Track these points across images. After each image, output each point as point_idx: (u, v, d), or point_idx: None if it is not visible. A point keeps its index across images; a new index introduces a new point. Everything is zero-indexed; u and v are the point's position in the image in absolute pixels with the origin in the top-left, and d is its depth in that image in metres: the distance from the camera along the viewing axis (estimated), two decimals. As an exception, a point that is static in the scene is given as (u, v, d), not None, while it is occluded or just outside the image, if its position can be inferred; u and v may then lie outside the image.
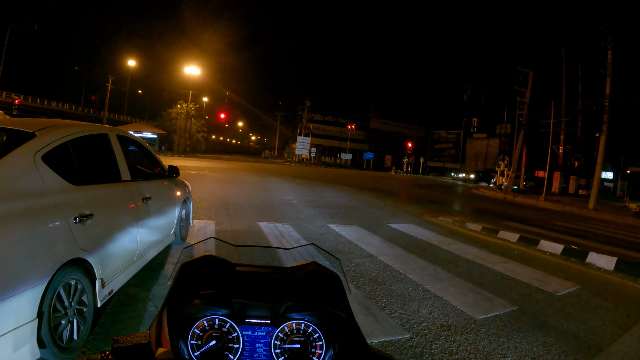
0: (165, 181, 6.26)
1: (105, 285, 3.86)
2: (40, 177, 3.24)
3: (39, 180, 3.23)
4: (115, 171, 4.61)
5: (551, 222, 15.82)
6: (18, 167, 3.12)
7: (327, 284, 1.63)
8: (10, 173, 3.03)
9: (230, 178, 23.74)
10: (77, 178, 3.71)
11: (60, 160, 3.57)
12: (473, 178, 62.18)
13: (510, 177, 35.65)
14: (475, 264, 7.48)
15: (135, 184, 4.95)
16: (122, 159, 4.78)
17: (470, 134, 77.89)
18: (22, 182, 3.09)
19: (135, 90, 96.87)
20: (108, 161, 4.60)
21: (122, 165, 4.73)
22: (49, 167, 3.37)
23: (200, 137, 76.17)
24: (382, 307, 4.99)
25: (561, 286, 6.52)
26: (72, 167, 3.72)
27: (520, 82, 36.09)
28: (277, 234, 8.82)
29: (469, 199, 27.06)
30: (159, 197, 5.68)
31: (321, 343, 1.34)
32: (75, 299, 3.37)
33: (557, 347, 4.22)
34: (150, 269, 5.58)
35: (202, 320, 1.37)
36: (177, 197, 6.62)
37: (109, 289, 3.96)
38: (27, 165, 3.19)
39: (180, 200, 6.75)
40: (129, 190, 4.72)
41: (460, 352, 3.91)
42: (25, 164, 3.19)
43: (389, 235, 9.60)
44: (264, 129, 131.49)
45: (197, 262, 1.65)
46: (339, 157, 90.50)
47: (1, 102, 47.27)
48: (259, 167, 42.18)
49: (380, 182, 36.58)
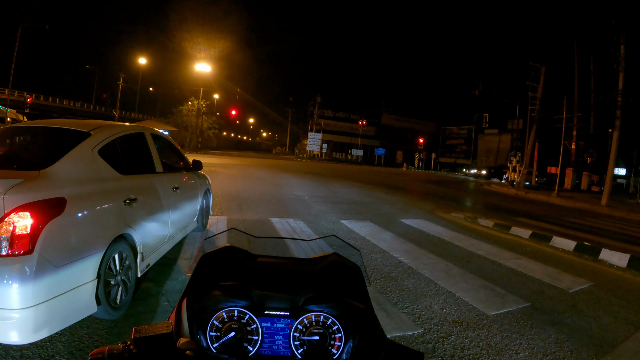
0: (190, 173, 7.07)
1: (144, 259, 4.66)
2: (97, 167, 4.07)
3: (97, 169, 4.05)
4: (151, 164, 5.41)
5: (563, 219, 15.68)
6: (82, 159, 3.93)
7: (347, 276, 1.64)
8: (76, 164, 3.84)
9: (242, 174, 23.80)
10: (123, 169, 4.49)
11: (111, 154, 4.35)
12: (485, 174, 61.83)
13: (522, 173, 35.32)
14: (488, 260, 7.46)
15: (166, 175, 5.78)
16: (155, 154, 5.58)
17: (482, 129, 77.27)
18: (86, 171, 3.91)
19: (146, 87, 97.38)
20: (145, 155, 5.38)
21: (156, 159, 5.54)
22: (103, 159, 4.18)
23: (211, 133, 76.34)
24: (395, 302, 5.00)
25: (574, 283, 6.48)
26: (119, 160, 4.49)
27: (532, 77, 35.56)
28: (289, 229, 8.85)
29: (480, 195, 26.90)
30: (185, 187, 6.50)
31: (340, 335, 1.35)
32: (122, 268, 4.16)
33: (570, 344, 4.21)
34: (164, 264, 5.66)
35: (221, 311, 1.38)
36: (199, 188, 7.45)
37: (146, 262, 4.75)
38: (88, 158, 4.00)
39: (202, 191, 7.61)
40: (162, 180, 5.53)
41: (472, 348, 3.92)
42: (87, 157, 3.99)
43: (401, 231, 9.60)
44: (275, 126, 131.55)
45: (217, 253, 1.66)
46: (350, 153, 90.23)
47: (13, 101, 47.55)
48: (270, 164, 42.21)
49: (391, 178, 36.47)
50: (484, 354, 3.82)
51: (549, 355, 3.91)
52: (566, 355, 3.95)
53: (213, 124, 74.51)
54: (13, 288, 2.90)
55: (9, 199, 3.02)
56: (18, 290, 2.91)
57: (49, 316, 3.14)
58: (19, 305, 2.92)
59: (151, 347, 0.98)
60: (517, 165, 38.04)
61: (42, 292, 3.04)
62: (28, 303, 2.96)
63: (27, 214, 3.05)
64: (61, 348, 3.39)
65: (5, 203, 3.00)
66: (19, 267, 2.94)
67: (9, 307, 2.91)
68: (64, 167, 3.64)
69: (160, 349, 0.98)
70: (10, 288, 2.90)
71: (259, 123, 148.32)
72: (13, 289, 2.90)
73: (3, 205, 3.00)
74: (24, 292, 2.93)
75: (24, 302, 2.94)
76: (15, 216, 3.01)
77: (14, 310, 2.91)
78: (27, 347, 3.32)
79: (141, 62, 64.99)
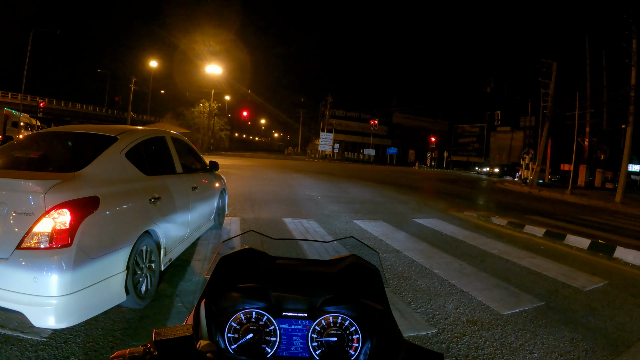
0: (207, 174, 7.41)
1: (166, 253, 4.99)
2: (125, 169, 4.44)
3: (124, 171, 4.42)
4: (172, 165, 5.79)
5: (577, 216, 15.52)
6: (111, 162, 4.29)
7: (365, 277, 1.64)
8: (107, 166, 4.20)
9: (254, 175, 23.87)
10: (147, 170, 4.86)
11: (136, 157, 4.71)
12: (497, 172, 61.15)
13: (535, 170, 34.92)
14: (501, 259, 7.42)
15: (186, 176, 6.14)
16: (175, 156, 5.95)
17: (494, 127, 76.76)
18: (115, 172, 4.27)
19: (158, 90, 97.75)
20: (166, 157, 5.76)
21: (176, 161, 5.91)
22: (130, 161, 4.54)
23: (223, 135, 76.63)
24: (408, 302, 5.01)
25: (588, 281, 6.42)
26: (143, 162, 4.85)
27: (543, 73, 35.06)
28: (302, 229, 8.87)
29: (493, 193, 26.71)
30: (203, 187, 6.84)
31: (358, 336, 1.35)
32: (147, 261, 4.50)
33: (584, 343, 4.18)
34: (177, 266, 5.73)
35: (239, 313, 1.38)
36: (216, 188, 7.84)
37: (168, 257, 5.10)
38: (116, 160, 4.36)
39: (218, 191, 7.99)
40: (182, 180, 5.90)
41: (486, 348, 3.91)
42: (115, 159, 4.35)
43: (413, 231, 9.58)
44: (286, 126, 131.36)
45: (236, 255, 1.66)
46: (362, 152, 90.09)
47: (26, 105, 48.03)
48: (282, 164, 42.27)
49: (403, 177, 36.35)
50: (499, 354, 3.81)
51: (563, 355, 3.89)
52: (581, 355, 3.92)
53: (225, 125, 74.76)
54: (53, 277, 3.22)
55: (49, 198, 3.34)
56: (57, 279, 3.23)
57: (84, 303, 3.46)
58: (58, 292, 3.23)
59: (172, 350, 0.98)
60: (530, 162, 37.66)
61: (79, 281, 3.37)
62: (66, 291, 3.26)
63: (67, 211, 3.38)
64: (76, 349, 3.43)
65: (46, 201, 3.33)
66: (59, 258, 3.26)
67: (49, 294, 3.21)
68: (96, 169, 4.00)
69: (181, 351, 0.99)
70: (51, 277, 3.22)
71: (271, 124, 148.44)
72: (53, 277, 3.22)
73: (44, 203, 3.32)
74: (62, 281, 3.24)
75: (63, 290, 3.24)
76: (55, 213, 3.34)
77: (53, 297, 3.22)
78: (42, 349, 3.38)
79: (152, 65, 65.33)
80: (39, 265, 3.23)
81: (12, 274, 3.24)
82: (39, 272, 3.21)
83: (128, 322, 4.01)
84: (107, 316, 4.06)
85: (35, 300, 3.22)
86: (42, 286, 3.20)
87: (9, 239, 3.30)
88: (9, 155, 4.52)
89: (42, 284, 3.20)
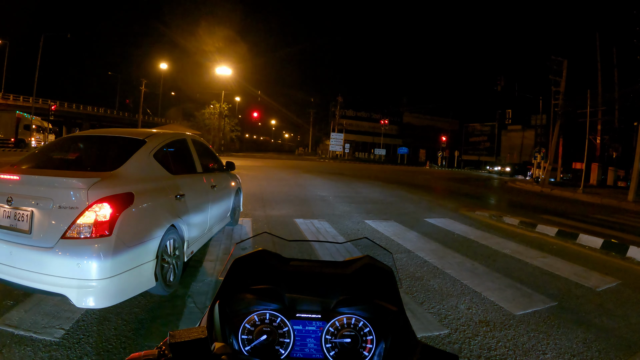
0: (224, 173, 7.78)
1: (189, 246, 5.36)
2: (153, 169, 4.86)
3: (153, 170, 4.85)
4: (193, 165, 6.19)
5: (590, 215, 15.36)
6: (142, 162, 4.71)
7: (379, 278, 1.64)
8: (138, 166, 4.61)
9: (265, 175, 23.92)
10: (172, 169, 5.27)
11: (162, 157, 5.14)
12: (509, 171, 60.69)
13: (547, 169, 34.55)
14: (514, 259, 7.38)
15: (206, 175, 6.53)
16: (196, 157, 6.35)
17: (505, 125, 75.90)
18: (146, 171, 4.70)
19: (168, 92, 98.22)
20: (188, 158, 6.17)
21: (196, 161, 6.31)
22: (157, 161, 4.97)
23: (233, 136, 76.85)
24: (420, 302, 5.01)
25: (601, 281, 6.36)
26: (169, 162, 5.27)
27: (554, 71, 34.61)
28: (314, 230, 8.89)
29: (505, 193, 26.50)
30: (221, 185, 7.19)
31: (372, 337, 1.35)
32: (173, 252, 4.86)
33: (597, 344, 4.14)
34: (190, 266, 5.79)
35: (253, 314, 1.39)
36: (232, 186, 8.23)
37: (191, 249, 5.49)
38: (146, 161, 4.79)
39: (234, 189, 8.37)
40: (202, 179, 6.31)
41: (499, 349, 3.90)
42: (145, 160, 4.77)
43: (425, 230, 9.55)
44: (297, 127, 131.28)
45: (250, 257, 1.68)
46: (373, 152, 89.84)
47: (38, 108, 48.40)
48: (293, 164, 42.30)
49: (414, 176, 36.22)
50: (511, 355, 3.80)
51: (576, 356, 3.86)
52: (594, 356, 3.89)
53: (235, 126, 74.92)
54: (95, 263, 3.65)
55: (92, 193, 3.77)
56: (99, 264, 3.66)
57: (120, 286, 3.86)
58: (99, 276, 3.65)
59: (187, 352, 0.98)
60: (542, 161, 37.33)
61: (117, 267, 3.78)
62: (106, 275, 3.69)
63: (107, 205, 3.81)
64: (89, 349, 3.47)
65: (89, 196, 3.76)
66: (101, 246, 3.70)
67: (91, 277, 3.64)
68: (129, 169, 4.43)
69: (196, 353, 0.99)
70: (93, 263, 3.64)
71: (281, 124, 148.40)
72: (95, 263, 3.65)
73: (87, 198, 3.75)
74: (103, 266, 3.67)
75: (103, 274, 3.67)
76: (97, 207, 3.77)
77: (94, 280, 3.64)
78: (55, 349, 3.43)
79: (162, 67, 65.61)
80: (82, 252, 3.65)
81: (57, 261, 3.65)
82: (82, 259, 3.63)
83: (140, 323, 4.05)
84: (120, 317, 4.11)
85: (77, 283, 3.62)
86: (84, 271, 3.62)
87: (54, 230, 3.73)
88: (48, 157, 4.98)
89: (84, 269, 3.62)
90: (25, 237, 3.81)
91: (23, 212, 3.84)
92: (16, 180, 3.98)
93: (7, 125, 42.36)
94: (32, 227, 3.80)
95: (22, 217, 3.84)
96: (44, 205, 3.79)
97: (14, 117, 42.76)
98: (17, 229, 3.85)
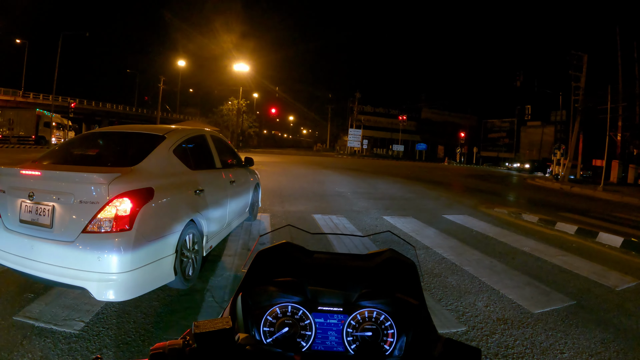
0: (242, 169, 7.80)
1: (208, 241, 5.42)
2: (173, 164, 4.91)
3: (173, 166, 4.89)
4: (212, 160, 6.23)
5: (610, 214, 15.07)
6: (162, 158, 4.75)
7: (402, 272, 1.63)
8: (158, 161, 4.66)
9: (283, 171, 24.02)
10: (192, 165, 5.30)
11: (182, 153, 5.17)
12: (528, 168, 59.83)
13: (566, 166, 34.14)
14: (532, 257, 7.31)
15: (225, 170, 6.60)
16: (215, 152, 6.38)
17: (524, 122, 74.75)
18: (165, 167, 4.74)
19: (186, 88, 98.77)
20: (207, 153, 6.20)
21: (215, 157, 6.35)
22: (177, 157, 5.01)
23: (252, 132, 77.12)
24: (438, 299, 5.01)
25: (621, 281, 6.26)
26: (188, 158, 5.29)
27: (574, 66, 33.88)
28: (332, 226, 8.92)
29: (524, 190, 26.15)
30: (240, 180, 7.28)
31: (393, 331, 1.35)
32: (192, 246, 4.93)
33: (616, 344, 4.09)
34: (208, 261, 5.86)
35: (275, 307, 1.40)
36: (251, 182, 8.23)
37: (209, 244, 5.54)
38: (166, 156, 4.83)
39: (253, 185, 8.37)
40: (221, 175, 6.37)
41: (516, 347, 3.88)
42: (165, 155, 4.82)
43: (443, 227, 9.52)
44: (315, 123, 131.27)
45: (273, 249, 1.68)
46: (391, 148, 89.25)
47: (58, 106, 49.05)
48: (310, 160, 42.36)
49: (433, 173, 36.04)
50: (529, 353, 3.78)
51: (594, 356, 3.82)
52: (612, 356, 3.84)
53: (253, 122, 75.20)
54: (116, 256, 3.70)
55: (112, 188, 3.80)
56: (119, 258, 3.70)
57: (140, 280, 3.91)
58: (119, 270, 3.70)
59: (212, 342, 0.98)
60: (561, 158, 36.81)
61: (137, 261, 3.82)
62: (126, 268, 3.74)
63: (127, 200, 3.85)
64: (108, 342, 3.54)
65: (110, 191, 3.79)
66: (121, 240, 3.74)
67: (111, 271, 3.69)
68: (149, 164, 4.46)
69: (221, 344, 0.98)
70: (113, 256, 3.69)
71: (299, 120, 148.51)
72: (116, 257, 3.70)
73: (107, 193, 3.78)
74: (123, 260, 3.72)
75: (123, 268, 3.72)
76: (117, 201, 3.81)
77: (114, 274, 3.69)
78: (75, 341, 3.50)
79: (180, 64, 65.99)
80: (102, 246, 3.70)
81: (77, 255, 3.72)
82: (103, 252, 3.68)
83: (159, 316, 4.11)
84: (139, 310, 4.19)
85: (98, 276, 3.68)
86: (105, 264, 3.67)
87: (75, 224, 3.78)
88: (69, 153, 5.05)
89: (105, 263, 3.67)
90: (47, 231, 3.87)
91: (44, 207, 3.90)
92: (38, 175, 4.02)
93: (28, 123, 43.25)
94: (53, 221, 3.85)
95: (43, 212, 3.90)
96: (65, 200, 3.83)
97: (34, 114, 43.58)
98: (38, 224, 3.91)
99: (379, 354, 1.34)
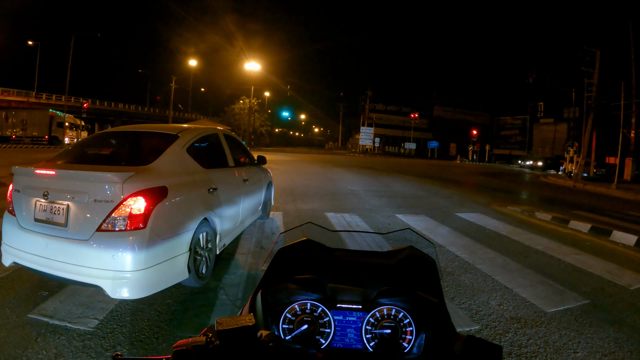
0: (255, 167, 7.81)
1: (221, 239, 5.46)
2: (186, 163, 4.94)
3: (186, 164, 4.93)
4: (225, 159, 6.27)
5: (624, 212, 14.87)
6: (175, 157, 4.79)
7: (422, 269, 1.63)
8: (172, 160, 4.70)
9: (295, 169, 24.06)
10: (205, 163, 5.34)
11: (195, 152, 5.22)
12: (541, 165, 59.27)
13: (579, 164, 33.73)
14: (546, 255, 7.28)
15: (238, 169, 6.63)
16: (228, 151, 6.41)
17: (536, 119, 73.92)
18: (179, 165, 4.78)
19: (198, 88, 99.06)
20: (220, 152, 6.24)
21: (228, 155, 6.38)
22: (190, 156, 5.05)
23: (263, 130, 77.28)
24: (451, 297, 5.01)
25: (635, 280, 6.20)
26: (201, 156, 5.34)
27: (587, 62, 33.24)
28: (345, 224, 8.95)
29: (537, 188, 25.95)
30: (253, 179, 7.26)
31: (411, 329, 1.35)
32: (206, 245, 4.96)
33: (630, 343, 4.07)
34: (221, 259, 5.90)
35: (294, 304, 1.42)
36: (263, 180, 8.30)
37: (223, 242, 5.57)
38: (179, 155, 4.87)
39: (265, 183, 8.45)
40: (234, 173, 6.40)
41: (530, 346, 3.88)
42: (178, 154, 4.85)
43: (456, 225, 9.52)
44: (326, 121, 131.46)
45: (294, 247, 1.69)
46: (403, 146, 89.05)
47: (70, 106, 49.37)
48: (323, 159, 42.39)
49: (445, 171, 35.86)
50: (542, 352, 3.78)
51: (608, 356, 3.81)
52: (626, 356, 3.83)
53: (265, 121, 75.32)
54: (130, 255, 3.75)
55: (126, 187, 3.84)
56: (134, 256, 3.76)
57: (154, 278, 3.97)
58: (133, 268, 3.76)
59: (235, 339, 0.97)
60: (574, 155, 36.47)
61: (151, 259, 3.88)
62: (140, 266, 3.79)
63: (142, 199, 3.89)
64: (122, 339, 3.60)
65: (124, 190, 3.83)
66: (135, 239, 3.79)
67: (125, 269, 3.74)
68: (163, 163, 4.49)
69: (244, 341, 0.98)
70: (128, 255, 3.75)
71: (311, 119, 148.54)
72: (130, 255, 3.75)
73: (122, 192, 3.83)
74: (138, 258, 3.77)
75: (137, 266, 3.77)
76: (132, 200, 3.84)
77: (128, 272, 3.75)
78: (89, 338, 3.56)
79: (192, 64, 66.20)
80: (117, 244, 3.75)
81: (92, 253, 3.77)
82: (117, 251, 3.73)
83: (173, 314, 4.16)
84: (153, 307, 4.25)
85: (112, 274, 3.74)
86: (119, 262, 3.72)
87: (90, 223, 3.83)
88: (83, 152, 5.09)
89: (119, 261, 3.72)
90: (61, 229, 3.91)
91: (59, 206, 3.94)
92: (52, 175, 4.06)
93: (41, 123, 43.84)
94: (67, 220, 3.89)
95: (58, 211, 3.94)
96: (79, 199, 3.87)
97: (47, 115, 44.11)
98: (53, 222, 3.96)
99: (397, 351, 1.34)
